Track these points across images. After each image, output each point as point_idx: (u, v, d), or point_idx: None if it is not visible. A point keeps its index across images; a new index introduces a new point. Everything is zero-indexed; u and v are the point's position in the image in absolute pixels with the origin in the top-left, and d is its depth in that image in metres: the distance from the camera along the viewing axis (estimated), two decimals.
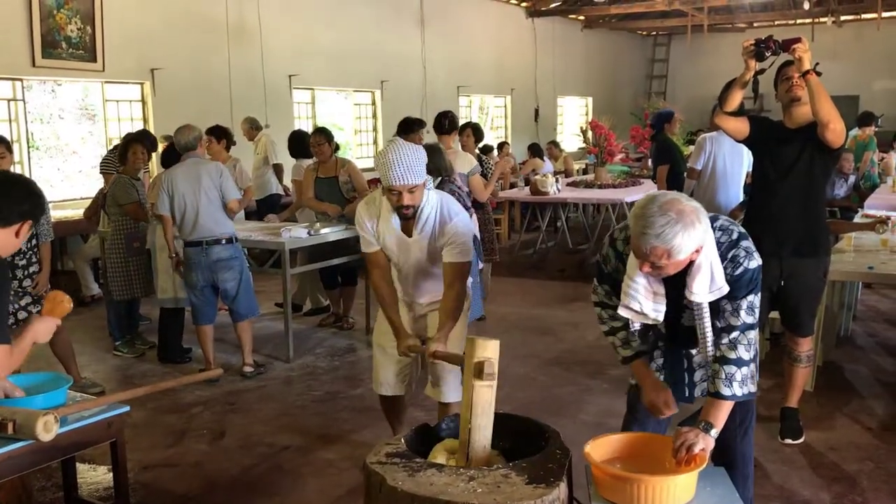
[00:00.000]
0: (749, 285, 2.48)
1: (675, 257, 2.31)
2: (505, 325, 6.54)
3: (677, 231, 2.26)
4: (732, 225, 2.53)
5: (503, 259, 9.11)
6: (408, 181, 3.19)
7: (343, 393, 5.10)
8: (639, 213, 2.34)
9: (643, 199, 2.39)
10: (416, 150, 3.22)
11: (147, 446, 4.33)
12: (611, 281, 2.70)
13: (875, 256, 5.17)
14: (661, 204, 2.30)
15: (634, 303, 2.51)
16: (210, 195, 5.21)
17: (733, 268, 2.46)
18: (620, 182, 9.64)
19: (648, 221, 2.28)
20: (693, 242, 2.30)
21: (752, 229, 4.09)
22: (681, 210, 2.28)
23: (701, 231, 2.31)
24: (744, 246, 2.48)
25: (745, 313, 2.47)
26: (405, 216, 3.32)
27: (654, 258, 2.33)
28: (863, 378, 5.15)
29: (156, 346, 6.12)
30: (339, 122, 13.27)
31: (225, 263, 5.28)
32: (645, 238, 2.29)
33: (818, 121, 3.75)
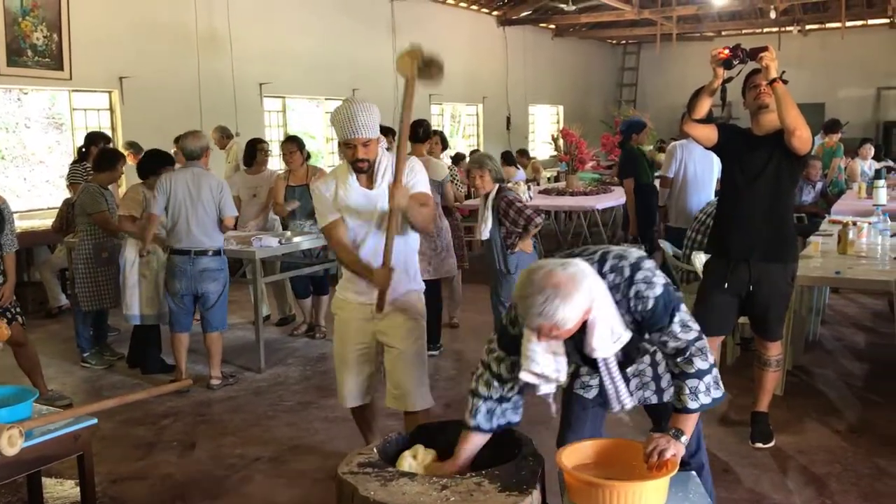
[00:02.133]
0: (668, 308, 2.40)
1: (564, 328, 2.26)
2: (477, 332, 6.54)
3: (557, 306, 2.21)
4: (622, 260, 2.42)
5: (476, 266, 9.10)
6: (363, 134, 3.28)
7: (315, 403, 5.06)
8: (519, 294, 2.30)
9: (521, 276, 2.32)
10: (369, 107, 3.31)
11: (116, 459, 4.26)
12: (514, 344, 2.52)
13: (842, 261, 5.24)
14: (536, 282, 2.25)
15: (535, 365, 2.41)
16: (208, 208, 5.19)
17: (643, 304, 2.38)
18: (591, 189, 9.70)
19: (528, 303, 2.24)
20: (577, 311, 2.24)
21: (721, 234, 4.20)
22: (556, 283, 2.22)
23: (582, 297, 2.24)
24: (641, 278, 2.39)
25: (682, 333, 2.42)
26: (361, 170, 3.37)
27: (545, 333, 2.29)
28: (831, 382, 5.21)
29: (125, 357, 6.05)
30: (310, 130, 13.23)
31: (211, 274, 5.27)
32: (529, 318, 2.27)
33: (785, 128, 3.79)
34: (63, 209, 6.90)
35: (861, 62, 17.72)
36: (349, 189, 3.43)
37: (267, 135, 11.22)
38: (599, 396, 2.81)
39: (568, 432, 2.89)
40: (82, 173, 6.92)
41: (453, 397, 5.06)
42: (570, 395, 2.88)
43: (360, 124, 3.27)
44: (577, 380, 2.85)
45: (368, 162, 3.36)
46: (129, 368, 5.83)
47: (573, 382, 2.86)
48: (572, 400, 2.87)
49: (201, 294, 5.29)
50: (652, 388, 2.77)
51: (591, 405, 2.86)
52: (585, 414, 2.87)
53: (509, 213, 5.09)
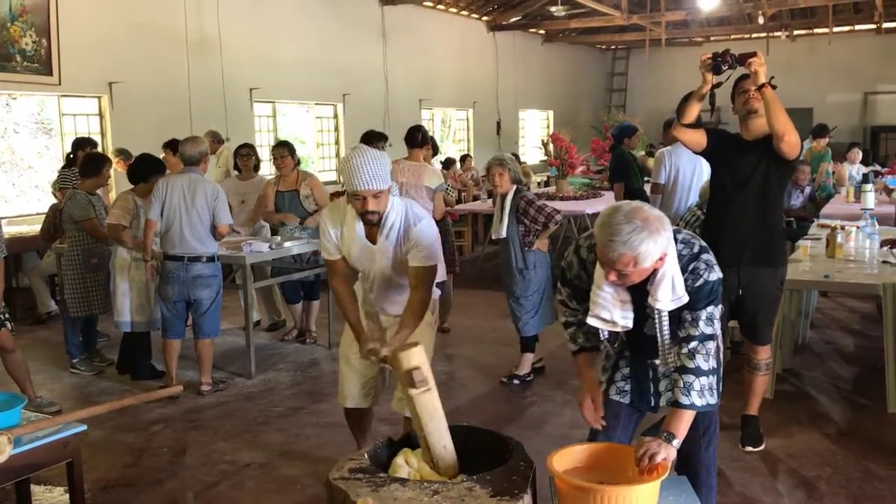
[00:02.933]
0: (709, 297, 2.52)
1: (642, 264, 2.36)
2: (469, 338, 6.54)
3: (643, 238, 2.30)
4: (694, 238, 2.58)
5: (468, 271, 9.14)
6: (373, 186, 3.16)
7: (306, 408, 5.05)
8: (605, 221, 2.38)
9: (608, 208, 2.43)
10: (380, 156, 3.22)
11: (106, 465, 4.24)
12: (572, 286, 2.77)
13: (831, 265, 5.27)
14: (626, 212, 2.34)
15: (604, 312, 2.56)
16: (202, 215, 5.17)
17: (694, 279, 2.49)
18: (581, 194, 9.73)
19: (615, 229, 2.32)
20: (658, 249, 2.35)
21: (710, 239, 4.17)
22: (646, 217, 2.33)
23: (665, 238, 2.37)
24: (704, 259, 2.52)
25: (703, 324, 2.51)
26: (370, 222, 3.29)
27: (620, 265, 2.36)
28: (820, 385, 5.24)
29: (114, 363, 6.02)
30: (300, 135, 13.22)
31: (204, 280, 5.25)
32: (612, 245, 2.33)
33: (773, 133, 3.81)
34: (50, 215, 6.88)
35: (848, 67, 17.83)
36: (354, 237, 3.37)
37: (257, 140, 11.20)
38: (632, 403, 2.86)
39: (599, 437, 2.88)
40: (71, 178, 6.89)
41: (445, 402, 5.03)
42: (605, 400, 2.87)
43: (370, 175, 3.14)
44: (612, 385, 2.87)
45: (378, 214, 3.26)
46: (119, 375, 5.80)
47: (609, 388, 2.88)
48: (607, 406, 2.87)
49: (194, 300, 5.27)
50: None
51: (623, 412, 2.87)
52: (617, 421, 2.88)
53: (529, 211, 5.25)
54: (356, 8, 12.61)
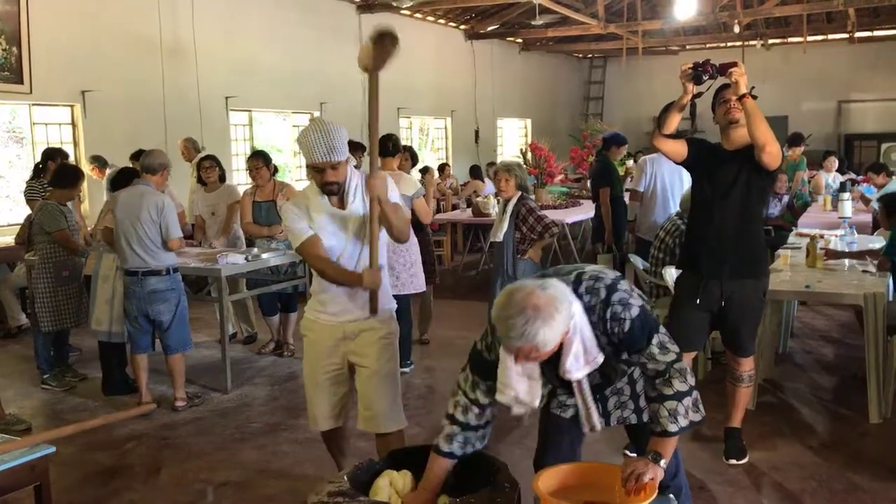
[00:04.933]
0: (644, 329, 2.39)
1: (544, 350, 2.25)
2: (449, 349, 6.46)
3: (538, 327, 2.19)
4: (598, 281, 2.41)
5: (447, 281, 9.08)
6: (331, 158, 3.19)
7: (283, 424, 4.95)
8: (497, 314, 2.27)
9: (500, 297, 2.30)
10: (337, 128, 3.23)
11: (76, 486, 4.13)
12: (487, 370, 2.53)
13: (811, 275, 5.26)
14: (516, 303, 2.22)
15: (510, 390, 2.42)
16: (149, 229, 5.03)
17: (619, 326, 2.36)
18: (561, 203, 9.70)
19: (509, 325, 2.22)
20: (557, 332, 2.24)
21: (691, 251, 4.18)
22: (536, 305, 2.20)
23: (562, 319, 2.24)
24: (617, 299, 2.37)
25: (661, 355, 2.41)
26: (331, 192, 3.29)
27: (523, 355, 2.28)
28: (802, 396, 5.22)
29: (86, 378, 5.90)
30: (277, 143, 13.10)
31: (160, 295, 5.11)
32: (509, 341, 2.25)
33: (754, 143, 3.79)
34: (25, 225, 6.72)
35: (822, 76, 18.02)
36: (321, 210, 3.34)
37: (233, 149, 11.09)
38: (577, 416, 2.77)
39: (546, 453, 2.84)
40: (39, 190, 6.76)
41: (424, 416, 4.99)
42: (546, 415, 2.83)
43: (328, 147, 3.18)
44: (553, 399, 2.81)
45: (338, 184, 3.28)
46: (105, 395, 5.62)
47: (550, 402, 2.82)
48: (549, 421, 2.83)
49: (153, 317, 5.15)
50: (630, 406, 2.73)
51: (567, 426, 2.81)
52: (562, 436, 2.82)
53: (528, 219, 5.28)
54: (333, 16, 12.53)
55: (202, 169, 6.72)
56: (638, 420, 2.74)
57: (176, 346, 5.21)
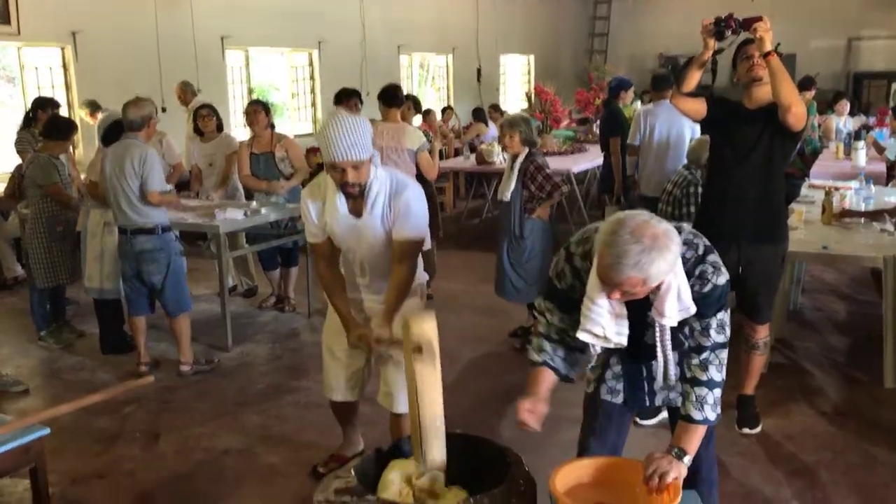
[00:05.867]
0: (718, 302, 2.30)
1: (651, 284, 2.14)
2: (453, 304, 6.34)
3: (653, 258, 2.07)
4: (697, 238, 2.33)
5: (449, 230, 8.93)
6: (352, 157, 2.91)
7: (286, 385, 4.85)
8: (609, 240, 2.11)
9: (610, 223, 2.15)
10: (360, 123, 2.94)
11: (75, 454, 4.03)
12: (562, 299, 2.46)
13: (827, 233, 5.11)
14: (632, 229, 2.08)
15: (597, 327, 2.31)
16: (131, 183, 4.78)
17: (701, 285, 2.27)
18: (566, 149, 9.47)
19: (622, 250, 2.07)
20: (668, 267, 2.12)
21: (709, 214, 4.02)
22: (654, 235, 2.08)
23: (675, 254, 2.13)
24: (711, 261, 2.29)
25: (714, 332, 2.31)
26: (351, 195, 3.04)
27: (628, 286, 2.13)
28: (814, 357, 5.12)
29: (84, 334, 5.80)
30: (275, 82, 12.80)
31: (149, 255, 4.89)
32: (619, 268, 2.09)
33: (779, 104, 3.60)
34: (14, 175, 6.53)
35: (832, 12, 17.51)
36: (336, 213, 3.13)
37: (230, 91, 10.81)
38: (626, 403, 2.67)
39: (592, 440, 2.71)
40: (30, 140, 6.54)
41: None
42: (595, 400, 2.70)
43: (349, 144, 2.88)
44: (602, 385, 2.69)
45: (359, 186, 3.02)
46: (102, 354, 5.49)
47: (600, 388, 2.70)
48: (598, 406, 2.70)
49: (145, 277, 4.95)
50: (678, 389, 2.60)
51: (617, 412, 2.69)
52: (610, 423, 2.71)
53: (537, 177, 5.07)
54: None
55: (199, 118, 6.50)
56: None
57: (174, 309, 5.04)
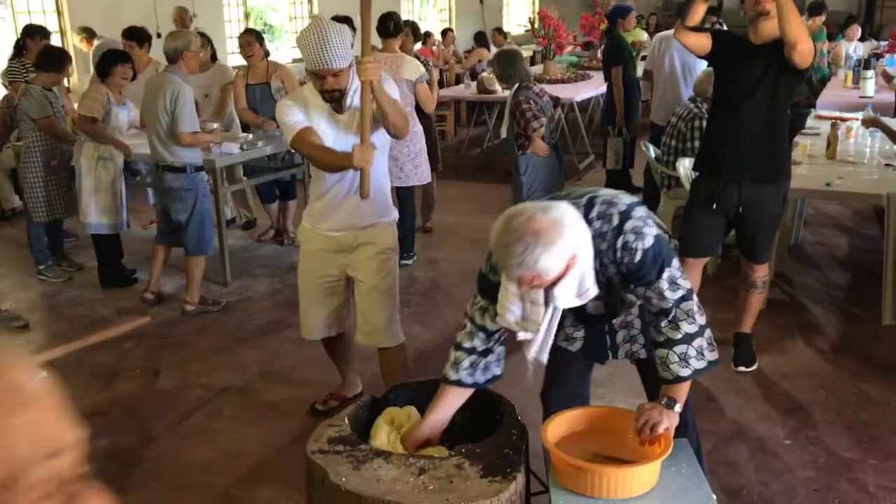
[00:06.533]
0: (656, 263, 2.20)
1: (546, 277, 2.06)
2: (453, 238, 6.32)
3: (538, 255, 2.00)
4: (611, 206, 2.21)
5: (449, 159, 8.82)
6: (334, 64, 2.96)
7: (285, 321, 4.85)
8: (496, 241, 2.08)
9: (498, 223, 2.09)
10: (340, 31, 2.97)
11: (77, 390, 4.06)
12: (495, 292, 2.30)
13: (830, 168, 5.04)
14: (514, 229, 2.03)
15: (512, 315, 2.23)
16: (162, 119, 4.72)
17: (629, 256, 2.18)
18: (570, 77, 9.28)
19: (507, 252, 2.03)
20: (560, 260, 2.04)
21: (711, 152, 3.95)
22: (537, 231, 2.00)
23: (565, 244, 2.03)
24: (631, 227, 2.18)
25: (669, 291, 2.22)
26: (332, 99, 3.09)
27: (526, 284, 2.09)
28: (813, 292, 5.11)
29: (83, 267, 5.80)
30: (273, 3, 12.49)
31: (175, 194, 4.88)
32: (508, 270, 2.07)
33: (785, 40, 3.49)
34: (4, 106, 6.42)
35: None
36: (319, 113, 3.14)
37: (225, 14, 10.56)
38: (584, 349, 2.65)
39: (551, 389, 2.73)
40: (21, 71, 6.40)
41: (428, 314, 4.89)
42: (553, 348, 2.69)
43: (331, 54, 2.93)
44: (559, 331, 2.66)
45: (340, 91, 3.07)
46: (102, 288, 5.49)
47: (556, 334, 2.68)
48: (556, 353, 2.69)
49: (171, 214, 4.96)
50: (640, 341, 2.59)
51: (575, 359, 2.68)
52: (570, 368, 2.71)
53: (516, 114, 5.04)
54: None
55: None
56: (647, 355, 2.61)
57: (193, 249, 5.00)
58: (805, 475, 3.23)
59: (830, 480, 3.19)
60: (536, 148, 5.06)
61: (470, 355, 2.44)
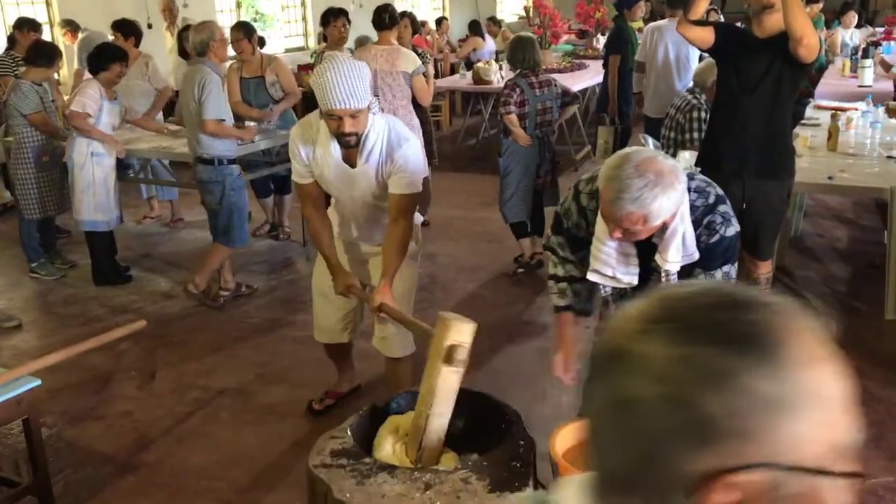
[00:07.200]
0: (725, 254, 2.28)
1: (652, 222, 2.08)
2: (450, 231, 6.26)
3: (656, 194, 2.01)
4: (709, 186, 2.30)
5: (445, 150, 8.75)
6: (350, 104, 2.75)
7: (282, 320, 4.80)
8: (611, 174, 2.07)
9: (615, 158, 2.12)
10: (358, 68, 2.78)
11: (72, 392, 4.02)
12: (569, 235, 2.50)
13: (832, 161, 4.99)
14: (636, 164, 2.03)
15: (606, 268, 2.31)
16: (192, 110, 4.71)
17: (708, 235, 2.23)
18: (566, 66, 9.20)
19: (624, 184, 2.02)
20: (672, 205, 2.07)
21: (713, 146, 3.90)
22: (659, 171, 2.03)
23: (680, 192, 2.08)
24: (721, 211, 2.26)
25: None
26: (347, 144, 2.90)
27: (628, 224, 2.09)
28: (815, 286, 5.08)
29: (76, 265, 5.73)
30: None
31: (205, 186, 4.87)
32: (620, 203, 2.04)
33: (790, 35, 3.44)
34: None
35: None
36: (329, 160, 2.99)
37: (217, 4, 10.43)
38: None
39: None
40: (11, 64, 6.31)
41: (426, 310, 4.81)
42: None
43: (347, 93, 2.72)
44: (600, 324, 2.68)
45: (357, 136, 2.87)
46: (96, 286, 5.41)
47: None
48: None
49: (206, 206, 4.99)
50: None
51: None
52: None
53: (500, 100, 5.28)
54: None
55: (185, 40, 6.25)
56: None
57: (219, 238, 4.97)
58: None
59: None
60: (516, 136, 5.11)
61: (572, 284, 2.59)
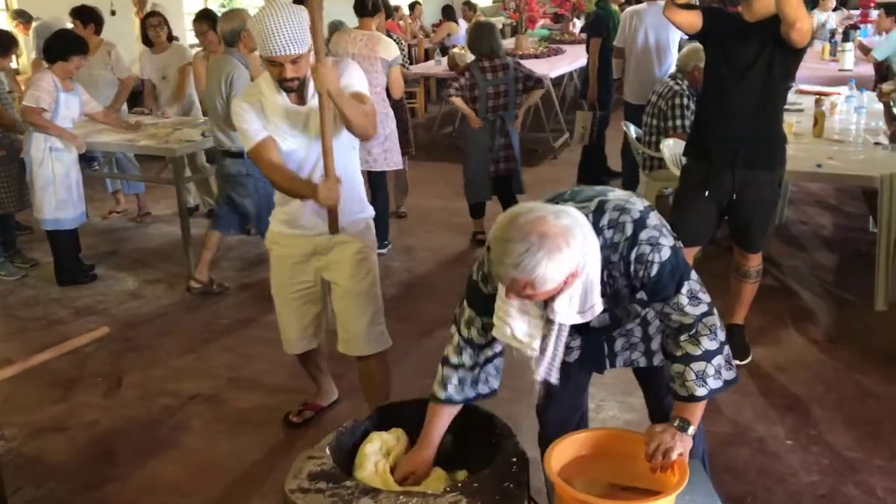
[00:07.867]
0: (674, 276, 2.00)
1: (541, 288, 1.84)
2: (428, 223, 6.10)
3: (539, 259, 1.78)
4: (623, 213, 1.98)
5: (421, 138, 8.57)
6: (291, 51, 2.67)
7: (255, 320, 4.60)
8: (497, 234, 1.85)
9: (504, 216, 1.88)
10: (297, 14, 2.69)
11: (32, 403, 3.80)
12: (486, 304, 2.11)
13: (818, 147, 4.88)
14: (520, 226, 1.81)
15: (506, 326, 2.03)
16: (218, 104, 4.56)
17: (645, 270, 1.97)
18: (542, 52, 9.04)
19: (505, 249, 1.81)
20: (561, 270, 1.82)
21: (702, 135, 3.75)
22: (543, 233, 1.79)
23: (571, 255, 1.83)
24: (645, 238, 1.97)
25: (689, 306, 2.03)
26: (290, 89, 2.80)
27: (516, 289, 1.87)
28: (802, 276, 4.97)
29: (38, 264, 5.49)
30: None
31: (234, 179, 4.71)
32: (503, 268, 1.83)
33: (783, 19, 3.29)
34: None
35: None
36: (277, 109, 2.85)
37: None
38: (581, 359, 2.44)
39: (550, 401, 2.54)
40: None
41: (405, 307, 4.67)
42: None
43: (288, 38, 2.65)
44: None
45: (299, 80, 2.77)
46: (60, 286, 5.19)
47: None
48: None
49: (237, 201, 4.79)
50: (640, 349, 2.40)
51: (572, 369, 2.48)
52: (567, 379, 2.49)
53: None
54: None
55: (149, 27, 6.02)
56: (647, 364, 2.42)
57: (259, 226, 4.81)
58: (809, 479, 3.08)
59: (836, 484, 3.04)
60: (469, 119, 5.45)
61: (458, 371, 2.23)
